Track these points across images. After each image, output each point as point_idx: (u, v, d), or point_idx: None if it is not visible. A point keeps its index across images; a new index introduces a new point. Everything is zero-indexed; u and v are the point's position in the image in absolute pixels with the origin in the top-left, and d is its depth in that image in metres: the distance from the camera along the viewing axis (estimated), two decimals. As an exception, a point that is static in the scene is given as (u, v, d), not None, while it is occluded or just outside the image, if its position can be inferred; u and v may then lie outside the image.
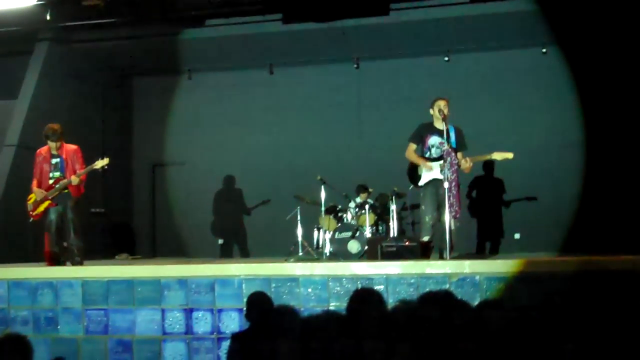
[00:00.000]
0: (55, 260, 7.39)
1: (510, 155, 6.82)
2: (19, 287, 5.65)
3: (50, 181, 7.43)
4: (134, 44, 11.43)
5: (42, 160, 7.55)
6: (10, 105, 10.73)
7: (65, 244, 7.54)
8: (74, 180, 7.25)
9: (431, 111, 7.22)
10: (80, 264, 7.25)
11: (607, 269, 4.80)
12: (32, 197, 7.48)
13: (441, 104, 7.07)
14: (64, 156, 7.48)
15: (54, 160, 7.50)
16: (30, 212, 7.47)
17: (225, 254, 12.29)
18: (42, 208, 7.39)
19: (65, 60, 11.37)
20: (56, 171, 7.46)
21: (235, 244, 12.37)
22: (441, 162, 6.79)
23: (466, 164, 6.90)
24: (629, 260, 4.88)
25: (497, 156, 6.85)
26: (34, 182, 7.53)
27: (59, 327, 5.52)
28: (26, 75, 10.81)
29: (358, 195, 10.27)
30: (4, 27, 10.23)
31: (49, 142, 7.47)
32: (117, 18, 10.49)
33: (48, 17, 10.10)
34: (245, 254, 12.15)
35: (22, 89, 10.69)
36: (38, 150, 7.64)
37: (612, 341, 4.63)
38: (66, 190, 7.39)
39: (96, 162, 7.30)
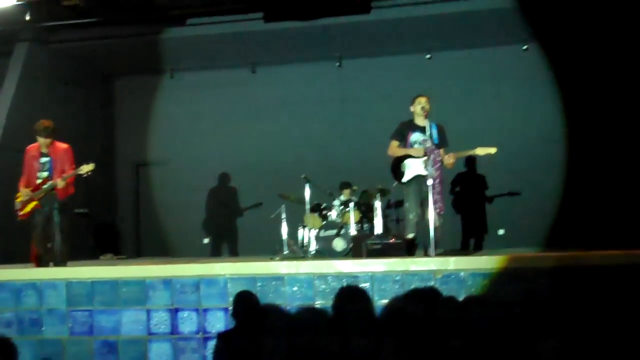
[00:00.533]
0: (40, 261, 7.32)
1: (493, 150, 6.84)
2: (2, 289, 5.61)
3: (38, 181, 7.27)
4: (114, 43, 11.38)
5: (30, 158, 7.38)
6: (-9, 106, 10.65)
7: (49, 245, 7.46)
8: (60, 183, 7.15)
9: (412, 108, 7.24)
10: (64, 265, 7.17)
11: (590, 264, 4.84)
12: (20, 196, 7.34)
13: (422, 100, 7.10)
14: (53, 156, 7.34)
15: (42, 160, 7.33)
16: (18, 211, 7.35)
17: (214, 253, 12.26)
18: (29, 208, 7.26)
19: (46, 60, 11.30)
20: (44, 171, 7.30)
21: (223, 242, 12.36)
22: (425, 158, 6.81)
23: (449, 159, 6.91)
24: (611, 255, 4.93)
25: (481, 151, 6.86)
26: (22, 181, 7.38)
27: (43, 328, 5.49)
28: (6, 76, 10.73)
29: (342, 192, 10.28)
30: (-18, 28, 10.17)
31: (39, 138, 7.30)
32: (97, 18, 10.46)
33: (27, 18, 10.04)
34: (234, 253, 12.13)
35: (2, 91, 10.61)
36: (28, 147, 7.47)
37: (595, 336, 4.68)
38: (53, 192, 7.29)
39: (81, 167, 7.16)
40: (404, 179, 7.16)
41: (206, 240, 12.38)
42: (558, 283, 4.80)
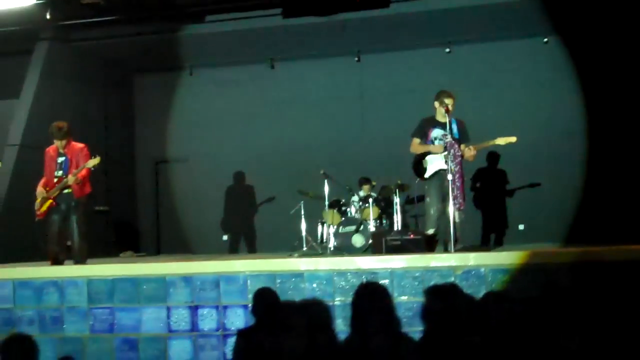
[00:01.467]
0: (55, 260, 7.35)
1: (513, 139, 6.77)
2: (24, 287, 5.64)
3: (55, 180, 7.38)
4: (134, 41, 11.42)
5: (49, 159, 7.47)
6: (12, 104, 10.73)
7: (68, 243, 7.50)
8: (70, 179, 7.19)
9: (436, 103, 7.15)
10: (83, 263, 7.21)
11: (610, 259, 4.78)
12: (39, 195, 7.41)
13: (449, 102, 6.97)
14: (69, 155, 7.42)
15: (59, 159, 7.41)
16: (37, 211, 7.42)
17: (234, 250, 12.28)
18: (45, 207, 7.32)
19: (66, 59, 11.35)
20: (60, 170, 7.40)
21: (242, 239, 12.37)
22: (445, 153, 6.75)
23: (470, 152, 6.86)
24: (632, 250, 4.87)
25: (501, 141, 6.80)
26: (42, 181, 7.46)
27: (64, 326, 5.52)
28: (27, 74, 10.80)
29: (361, 188, 10.25)
30: (4, 27, 10.22)
31: (55, 140, 7.41)
32: (116, 16, 10.49)
33: (48, 16, 10.09)
34: (254, 250, 12.15)
35: (23, 89, 10.68)
36: (47, 149, 7.56)
37: (616, 332, 4.62)
38: (69, 190, 7.34)
39: (88, 162, 7.24)
40: (426, 175, 7.10)
41: (225, 237, 12.40)
42: (579, 278, 4.75)
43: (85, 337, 5.46)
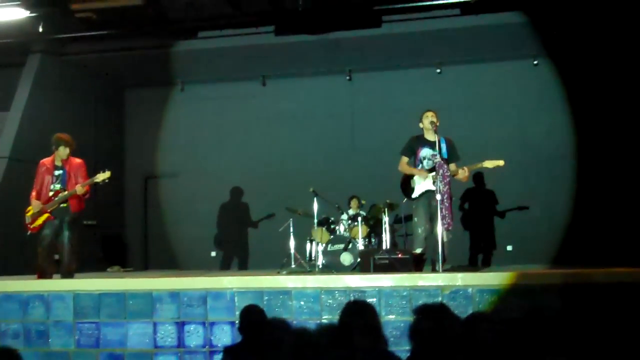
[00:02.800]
0: (42, 273, 7.28)
1: (501, 163, 6.80)
2: (9, 300, 5.59)
3: (50, 193, 7.23)
4: (126, 55, 11.46)
5: (44, 172, 7.35)
6: (2, 117, 10.70)
7: (56, 257, 7.43)
8: (79, 189, 7.12)
9: (420, 124, 7.21)
10: (71, 277, 7.14)
11: (599, 281, 4.79)
12: (31, 210, 7.30)
13: (429, 115, 7.06)
14: (67, 169, 7.33)
15: (56, 172, 7.30)
16: (28, 225, 7.31)
17: (222, 266, 12.24)
18: (40, 221, 7.21)
19: (58, 72, 11.38)
20: (57, 183, 7.29)
21: (231, 256, 12.34)
22: (433, 173, 6.77)
23: (464, 172, 6.89)
24: (620, 272, 4.88)
25: (489, 164, 6.83)
26: (33, 193, 7.33)
27: (50, 340, 5.46)
28: (18, 87, 10.81)
29: (350, 206, 10.27)
30: (-4, 39, 10.25)
31: (59, 149, 7.30)
32: (109, 30, 10.53)
33: (40, 29, 10.12)
34: (242, 266, 12.11)
35: (14, 101, 10.69)
36: (42, 161, 7.45)
37: (604, 354, 4.63)
38: (65, 205, 7.27)
39: (97, 175, 7.16)
40: (414, 195, 7.12)
41: (214, 254, 12.37)
42: (566, 300, 4.75)
43: (71, 352, 5.41)
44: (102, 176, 7.16)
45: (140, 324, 5.34)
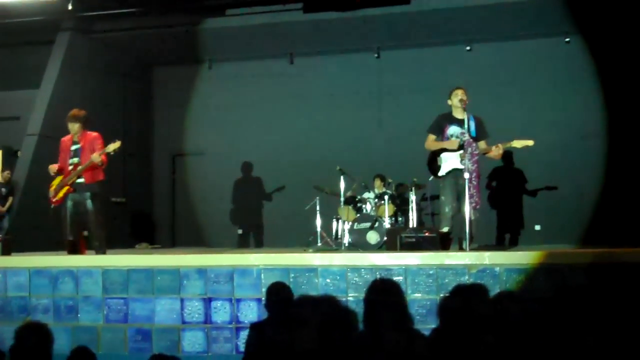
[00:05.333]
0: (70, 249, 7.37)
1: (530, 143, 6.70)
2: (39, 275, 5.68)
3: (70, 167, 7.37)
4: (154, 33, 11.49)
5: (64, 148, 7.51)
6: (33, 95, 10.81)
7: (85, 233, 7.52)
8: (95, 157, 7.16)
9: (449, 102, 7.11)
10: (103, 252, 7.23)
11: (626, 261, 4.74)
12: (54, 184, 7.45)
13: (459, 93, 6.94)
14: (82, 143, 7.44)
15: (73, 147, 7.43)
16: (52, 199, 7.44)
17: (248, 244, 12.32)
18: (61, 194, 7.32)
19: (87, 50, 11.44)
20: (75, 157, 7.42)
21: (258, 233, 12.42)
22: (461, 152, 6.71)
23: (498, 150, 6.78)
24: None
25: (517, 144, 6.73)
26: (55, 168, 7.47)
27: (79, 315, 5.55)
28: (48, 65, 10.90)
29: (375, 185, 10.24)
30: (26, 17, 10.31)
31: (69, 125, 7.41)
32: (138, 8, 10.54)
33: (70, 7, 10.15)
34: (269, 244, 12.16)
35: (43, 79, 10.78)
36: (62, 139, 7.61)
37: (631, 333, 4.59)
38: (82, 180, 7.32)
39: (109, 146, 7.20)
40: (440, 173, 7.04)
41: (240, 231, 12.43)
42: (595, 280, 4.71)
43: (99, 327, 5.50)
44: (113, 146, 7.20)
45: (168, 300, 5.41)
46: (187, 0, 10.62)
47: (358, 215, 9.43)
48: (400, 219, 9.70)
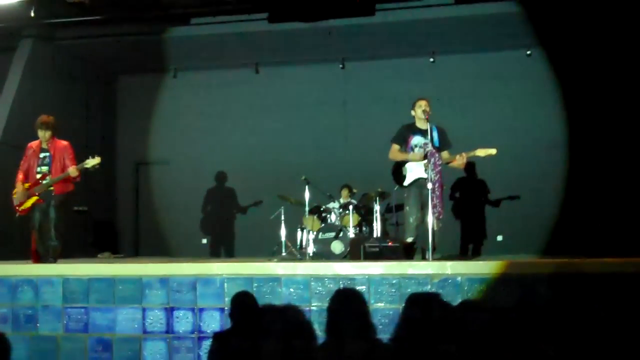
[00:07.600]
0: (39, 259, 7.28)
1: (493, 152, 6.81)
2: (-2, 285, 5.60)
3: (38, 176, 7.26)
4: (118, 41, 11.38)
5: (31, 154, 7.40)
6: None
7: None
8: (72, 171, 7.09)
9: (412, 112, 7.22)
10: (54, 261, 7.11)
11: (588, 271, 4.81)
12: (17, 191, 7.30)
13: (422, 104, 7.06)
14: (52, 152, 7.34)
15: (42, 155, 7.35)
16: (16, 207, 7.31)
17: (213, 253, 12.23)
18: (29, 203, 7.23)
19: (49, 57, 11.29)
20: (43, 166, 7.31)
21: (222, 243, 12.33)
22: (425, 162, 6.77)
23: (462, 159, 6.88)
24: (610, 262, 4.90)
25: (481, 152, 6.83)
26: (20, 176, 7.37)
27: (38, 324, 5.48)
28: (9, 72, 10.72)
29: (341, 195, 10.27)
30: (-14, 24, 10.17)
31: (39, 132, 7.32)
32: (101, 16, 10.44)
33: (32, 14, 10.03)
34: (233, 254, 12.10)
35: (5, 87, 10.60)
36: (29, 144, 7.50)
37: (593, 344, 4.65)
38: (51, 188, 7.26)
39: (87, 161, 7.14)
40: (405, 183, 7.12)
41: (205, 241, 12.36)
42: (557, 290, 4.77)
43: (59, 336, 5.43)
44: (92, 162, 7.15)
45: (130, 309, 5.36)
46: (152, 8, 10.53)
47: (323, 225, 9.45)
48: (365, 228, 9.74)
